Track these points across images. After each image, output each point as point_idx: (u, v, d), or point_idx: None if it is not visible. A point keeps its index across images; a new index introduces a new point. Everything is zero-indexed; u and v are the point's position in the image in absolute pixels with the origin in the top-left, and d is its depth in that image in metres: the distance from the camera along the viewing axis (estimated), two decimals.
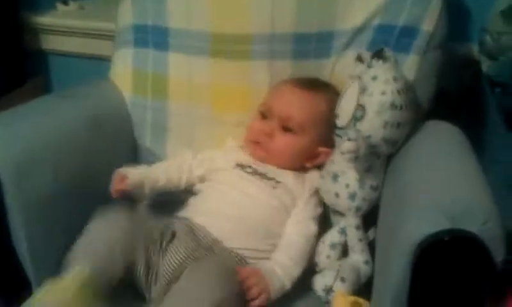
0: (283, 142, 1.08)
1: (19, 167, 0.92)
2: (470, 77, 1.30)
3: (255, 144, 1.11)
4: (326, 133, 1.07)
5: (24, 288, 0.95)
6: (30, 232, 0.93)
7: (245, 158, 1.12)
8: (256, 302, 0.92)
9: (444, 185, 0.82)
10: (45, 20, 1.54)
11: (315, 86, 1.11)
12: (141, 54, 1.23)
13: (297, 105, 1.08)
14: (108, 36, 1.45)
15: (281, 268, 0.97)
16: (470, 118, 1.11)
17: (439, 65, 1.10)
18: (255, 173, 1.09)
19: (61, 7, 1.58)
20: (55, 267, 0.97)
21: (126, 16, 1.25)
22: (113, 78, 1.25)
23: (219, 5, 1.17)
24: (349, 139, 0.92)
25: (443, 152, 0.94)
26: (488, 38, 1.16)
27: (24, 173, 0.92)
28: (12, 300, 0.92)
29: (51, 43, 1.58)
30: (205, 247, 0.98)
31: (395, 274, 0.77)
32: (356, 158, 0.92)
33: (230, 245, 1.00)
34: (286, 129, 1.08)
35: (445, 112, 1.07)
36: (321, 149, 1.09)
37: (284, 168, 1.10)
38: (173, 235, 0.99)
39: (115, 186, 1.04)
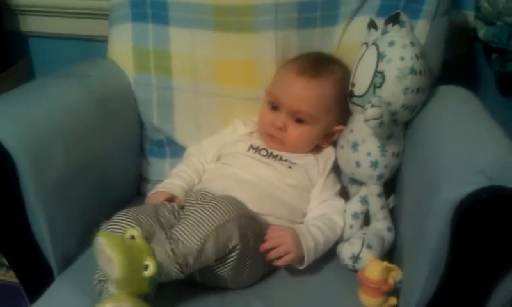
0: (298, 134, 1.06)
1: (33, 150, 0.88)
2: (466, 45, 1.32)
3: (270, 136, 1.09)
4: (339, 113, 1.07)
5: (46, 276, 0.93)
6: (49, 215, 0.90)
7: (258, 141, 1.11)
8: (281, 260, 0.91)
9: (475, 144, 0.81)
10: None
11: (319, 69, 1.06)
12: (140, 30, 1.18)
13: (305, 98, 1.05)
14: (94, 15, 1.40)
15: (316, 229, 0.97)
16: (466, 85, 1.11)
17: (446, 31, 1.10)
18: (270, 155, 1.07)
19: None
20: (75, 249, 0.98)
21: None
22: (112, 56, 1.21)
23: None
24: (372, 106, 0.91)
25: (463, 113, 0.94)
26: (484, 4, 1.17)
27: (38, 156, 0.89)
28: (35, 288, 0.91)
29: (32, 24, 1.49)
30: None
31: (432, 239, 0.75)
32: (380, 124, 0.91)
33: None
34: (298, 120, 1.06)
35: (442, 81, 1.07)
36: (336, 128, 1.08)
37: (300, 153, 1.09)
38: (185, 205, 0.98)
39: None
